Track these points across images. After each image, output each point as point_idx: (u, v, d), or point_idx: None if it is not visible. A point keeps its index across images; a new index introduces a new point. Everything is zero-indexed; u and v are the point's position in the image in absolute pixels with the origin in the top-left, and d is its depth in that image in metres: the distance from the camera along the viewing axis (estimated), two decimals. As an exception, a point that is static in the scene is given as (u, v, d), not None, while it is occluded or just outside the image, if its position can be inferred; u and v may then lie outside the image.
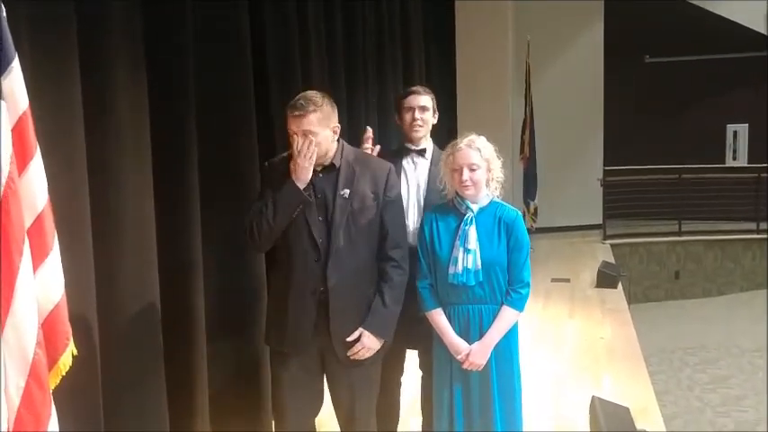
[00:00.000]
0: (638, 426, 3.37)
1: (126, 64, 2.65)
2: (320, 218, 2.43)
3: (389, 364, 2.76)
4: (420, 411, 3.04)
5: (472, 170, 2.45)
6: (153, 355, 2.82)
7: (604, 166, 9.53)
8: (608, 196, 9.21)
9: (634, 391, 4.07)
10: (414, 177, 2.84)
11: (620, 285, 6.76)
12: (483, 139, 2.53)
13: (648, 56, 10.86)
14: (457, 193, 2.52)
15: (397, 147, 2.98)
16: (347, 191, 2.43)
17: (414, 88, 2.93)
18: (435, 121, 2.93)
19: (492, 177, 2.51)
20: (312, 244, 2.42)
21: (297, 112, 2.36)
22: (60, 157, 2.31)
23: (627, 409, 3.49)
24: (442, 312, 2.54)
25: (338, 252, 2.41)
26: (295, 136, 2.36)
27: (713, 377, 6.47)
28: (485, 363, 2.48)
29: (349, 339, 2.43)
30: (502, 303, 2.48)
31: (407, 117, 2.85)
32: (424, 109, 2.85)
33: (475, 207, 2.49)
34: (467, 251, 2.44)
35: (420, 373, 2.97)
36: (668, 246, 9.34)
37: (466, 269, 2.43)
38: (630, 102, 10.62)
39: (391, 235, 2.48)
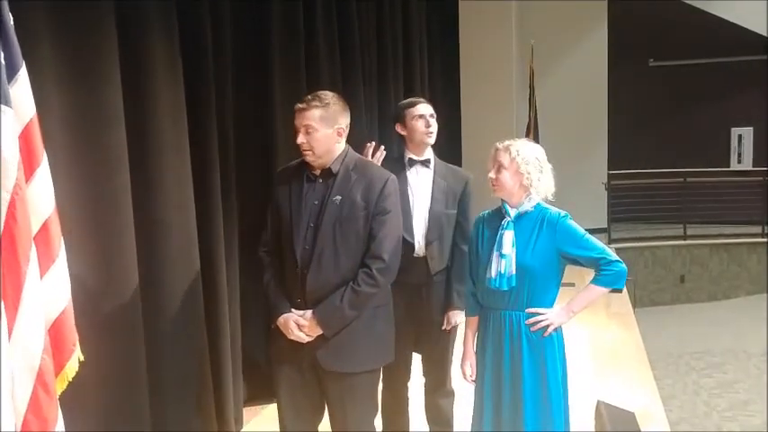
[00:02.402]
0: (644, 430, 3.36)
1: (163, 64, 2.75)
2: (311, 224, 2.39)
3: (396, 367, 2.76)
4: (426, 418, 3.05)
5: (499, 171, 2.43)
6: (198, 353, 2.90)
7: (609, 169, 9.51)
8: (613, 200, 9.19)
9: (640, 396, 4.06)
10: (420, 188, 2.82)
11: (625, 289, 6.74)
12: (525, 143, 2.48)
13: (653, 59, 10.85)
14: (502, 198, 2.50)
15: (397, 156, 2.92)
16: (339, 197, 2.39)
17: (417, 98, 2.92)
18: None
19: (531, 183, 2.43)
20: (293, 255, 2.38)
21: (300, 106, 2.38)
22: (102, 157, 2.38)
23: (632, 414, 3.48)
24: (474, 323, 2.56)
25: (320, 261, 2.35)
26: (298, 133, 2.37)
27: (719, 382, 6.43)
28: (559, 324, 2.46)
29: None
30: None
31: (420, 124, 2.80)
32: (432, 116, 2.84)
33: (513, 212, 2.45)
34: (501, 256, 2.40)
35: (423, 380, 2.98)
36: (673, 249, 9.31)
37: (500, 274, 2.39)
38: (635, 105, 10.61)
39: (375, 246, 2.36)
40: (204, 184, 3.12)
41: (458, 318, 2.84)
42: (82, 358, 1.96)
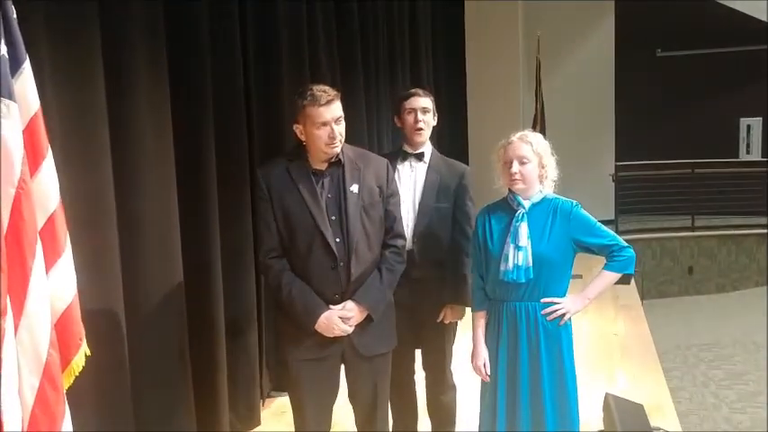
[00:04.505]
0: (653, 423, 3.35)
1: (147, 63, 2.72)
2: (333, 217, 2.38)
3: (401, 364, 2.76)
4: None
5: (522, 163, 2.40)
6: (179, 353, 2.89)
7: (616, 161, 9.46)
8: (620, 191, 9.15)
9: (648, 388, 4.04)
10: (410, 181, 2.79)
11: (632, 281, 6.72)
12: (535, 134, 2.50)
13: (660, 50, 10.77)
14: (510, 190, 2.47)
15: (395, 149, 2.89)
16: (356, 186, 2.40)
17: (414, 90, 2.86)
18: (435, 124, 2.86)
19: (545, 175, 2.45)
20: (328, 250, 2.35)
21: (325, 100, 2.30)
22: (85, 156, 2.37)
23: (641, 406, 3.47)
24: (483, 317, 2.53)
25: (357, 251, 2.38)
26: (325, 126, 2.30)
27: (728, 373, 6.41)
28: (575, 312, 2.47)
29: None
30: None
31: (410, 119, 2.77)
32: (425, 110, 2.78)
33: (526, 203, 2.44)
34: (517, 248, 2.39)
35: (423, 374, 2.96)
36: (681, 241, 9.26)
37: (516, 266, 2.38)
38: (642, 96, 10.54)
39: (396, 225, 2.51)
40: (199, 179, 3.08)
41: (455, 313, 2.81)
42: (89, 352, 1.96)
